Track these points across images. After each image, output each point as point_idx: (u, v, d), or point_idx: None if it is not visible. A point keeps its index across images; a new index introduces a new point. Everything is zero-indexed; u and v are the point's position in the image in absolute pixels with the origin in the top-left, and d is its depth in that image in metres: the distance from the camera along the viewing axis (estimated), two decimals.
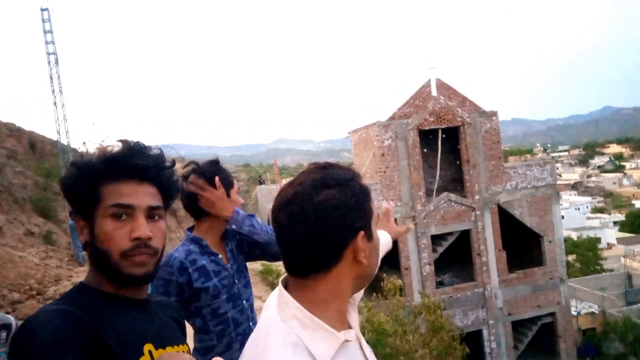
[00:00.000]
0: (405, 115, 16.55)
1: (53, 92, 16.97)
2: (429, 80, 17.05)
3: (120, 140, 1.06)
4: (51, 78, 16.86)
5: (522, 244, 17.83)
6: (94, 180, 1.01)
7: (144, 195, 1.03)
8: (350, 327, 0.99)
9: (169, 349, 1.07)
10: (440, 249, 16.65)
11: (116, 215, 1.00)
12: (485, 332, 16.38)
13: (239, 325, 1.95)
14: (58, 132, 17.49)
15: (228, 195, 1.99)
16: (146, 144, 1.10)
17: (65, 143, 17.86)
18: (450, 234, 16.67)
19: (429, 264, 16.09)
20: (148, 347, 1.02)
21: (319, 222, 0.89)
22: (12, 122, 21.01)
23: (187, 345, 1.17)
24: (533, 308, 16.96)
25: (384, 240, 1.73)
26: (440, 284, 16.66)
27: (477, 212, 16.48)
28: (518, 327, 17.19)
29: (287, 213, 0.92)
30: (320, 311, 0.93)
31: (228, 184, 2.00)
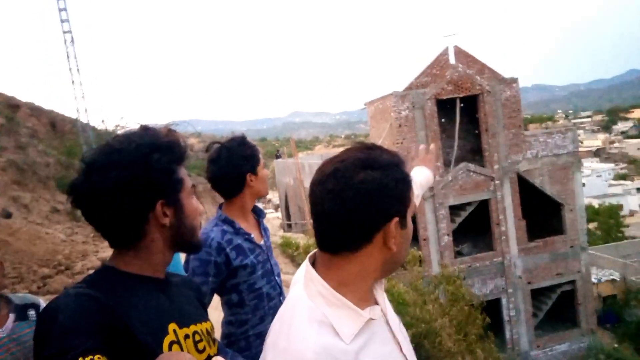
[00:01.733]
0: (422, 84, 16.26)
1: (70, 70, 17.08)
2: (447, 48, 16.64)
3: (159, 129, 1.13)
4: (68, 56, 16.95)
5: (542, 213, 17.65)
6: (177, 164, 1.10)
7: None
8: (376, 303, 1.00)
9: (192, 327, 1.11)
10: (459, 219, 16.59)
11: (191, 195, 1.13)
12: (504, 301, 16.44)
13: (271, 300, 2.02)
14: (77, 111, 17.69)
15: (255, 172, 2.02)
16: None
17: (85, 121, 18.08)
18: (469, 204, 16.56)
19: (448, 235, 16.08)
20: (172, 326, 1.04)
21: (354, 202, 0.90)
22: (31, 102, 21.30)
23: (210, 322, 1.21)
24: (553, 276, 16.91)
25: (425, 176, 1.75)
26: (459, 253, 16.68)
27: (497, 182, 16.30)
28: (537, 295, 17.20)
29: (325, 188, 0.92)
30: (345, 289, 0.94)
31: (255, 161, 2.03)
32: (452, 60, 16.53)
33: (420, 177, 1.72)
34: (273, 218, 28.53)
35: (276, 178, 22.13)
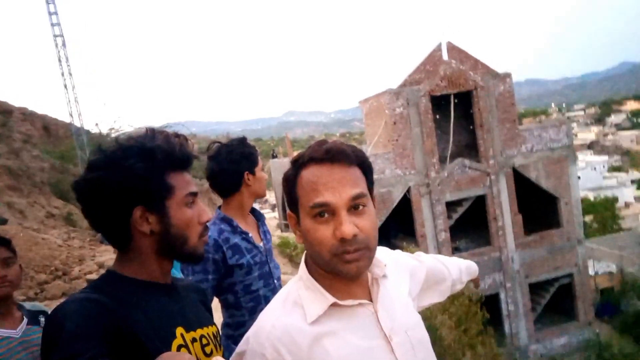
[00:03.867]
0: (416, 81, 16.27)
1: (62, 74, 16.96)
2: (440, 44, 16.65)
3: (161, 132, 1.10)
4: (59, 60, 16.84)
5: (538, 207, 17.72)
6: (163, 171, 1.05)
7: (193, 183, 1.13)
8: (369, 299, 1.03)
9: (198, 330, 1.11)
10: (456, 215, 16.63)
11: (189, 203, 1.08)
12: (502, 295, 16.50)
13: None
14: (70, 115, 17.59)
15: (253, 172, 2.02)
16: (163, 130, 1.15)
17: (79, 125, 17.98)
18: (465, 199, 16.60)
19: (445, 231, 16.11)
20: (180, 330, 1.05)
21: None
22: (24, 107, 21.18)
23: (215, 326, 1.21)
24: (550, 270, 16.98)
25: (473, 267, 1.66)
26: (456, 249, 16.72)
27: (492, 177, 16.34)
28: (535, 289, 17.26)
29: None
30: (322, 278, 1.00)
31: (253, 161, 2.05)
32: (445, 56, 16.54)
33: (469, 267, 1.64)
34: (270, 218, 28.50)
35: (272, 178, 22.13)
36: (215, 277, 1.90)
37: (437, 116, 16.85)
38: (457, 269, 1.52)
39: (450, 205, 16.54)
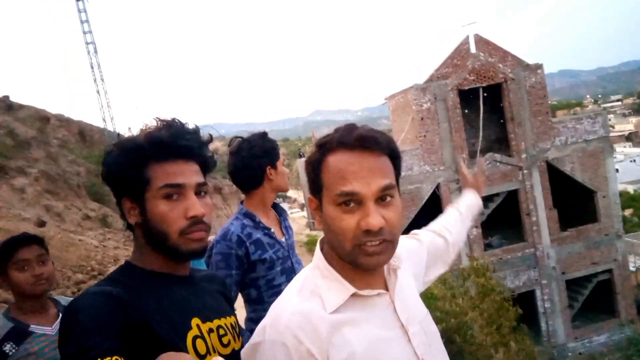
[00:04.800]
0: (443, 76, 16.01)
1: (95, 80, 17.52)
2: (467, 37, 16.33)
3: (160, 120, 1.06)
4: (92, 67, 17.40)
5: (574, 201, 17.16)
6: (141, 162, 1.01)
7: (191, 174, 1.04)
8: (386, 289, 1.01)
9: (215, 321, 1.10)
10: (487, 211, 16.28)
11: (168, 196, 1.01)
12: (538, 292, 16.07)
13: None
14: (104, 119, 18.16)
15: (275, 166, 2.02)
16: (183, 120, 1.10)
17: (112, 129, 18.52)
18: (497, 195, 16.23)
19: (476, 227, 15.80)
20: (195, 321, 1.04)
21: None
22: (60, 113, 21.95)
23: (235, 316, 1.20)
24: (588, 266, 16.42)
25: (474, 204, 1.72)
26: (488, 246, 16.39)
27: (525, 171, 15.93)
28: (573, 285, 16.73)
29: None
30: (340, 266, 0.98)
31: (275, 156, 2.04)
32: (473, 49, 16.21)
33: (469, 206, 1.66)
34: (299, 217, 28.63)
35: (300, 177, 22.21)
36: (238, 272, 1.91)
37: (466, 110, 16.54)
38: (452, 227, 1.52)
39: (482, 201, 16.17)
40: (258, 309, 1.98)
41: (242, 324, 1.35)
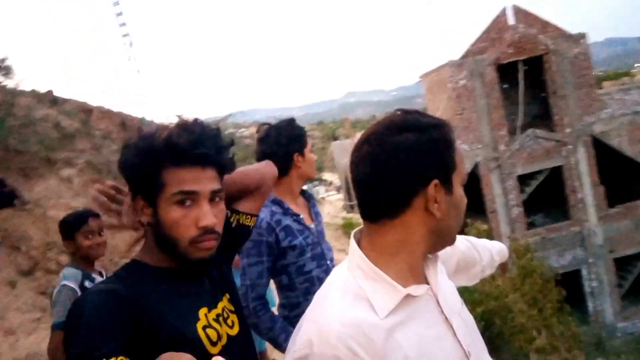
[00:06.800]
0: (480, 50, 15.48)
1: (131, 72, 17.96)
2: (505, 9, 15.69)
3: (180, 124, 1.04)
4: (129, 59, 17.82)
5: (622, 176, 16.39)
6: (156, 166, 1.00)
7: (206, 180, 1.02)
8: (427, 283, 0.95)
9: (219, 304, 1.11)
10: (529, 189, 15.81)
11: (181, 202, 1.00)
12: (584, 272, 15.54)
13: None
14: (141, 109, 18.63)
15: (303, 153, 2.01)
16: (204, 122, 1.07)
17: (149, 120, 19.03)
18: (539, 172, 15.70)
19: (517, 206, 15.37)
20: (203, 310, 1.05)
21: (388, 164, 0.88)
22: (101, 105, 22.70)
23: (228, 294, 1.17)
24: (637, 244, 15.71)
25: (499, 247, 1.56)
26: (531, 225, 15.94)
27: (569, 147, 15.30)
28: (622, 264, 16.08)
29: (360, 154, 0.92)
30: (385, 262, 0.91)
31: (302, 142, 2.04)
32: (511, 21, 15.57)
33: (499, 251, 1.54)
34: (336, 200, 28.70)
35: (335, 160, 22.18)
36: (269, 259, 1.92)
37: (505, 85, 15.97)
38: (488, 253, 1.43)
39: (523, 179, 15.71)
40: (290, 295, 2.00)
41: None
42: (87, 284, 2.33)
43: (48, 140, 14.45)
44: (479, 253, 1.38)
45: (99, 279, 2.40)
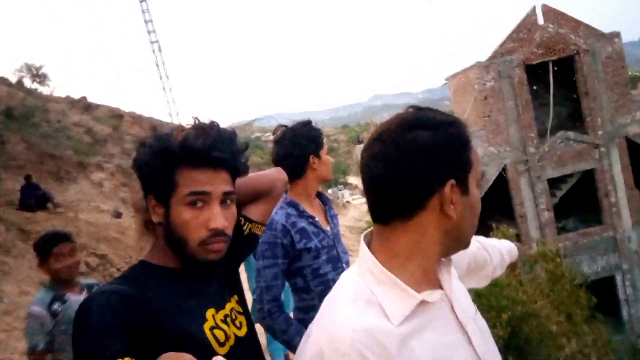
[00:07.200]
0: (508, 51, 15.17)
1: (161, 78, 18.37)
2: (534, 8, 15.34)
3: (196, 126, 1.05)
4: (157, 65, 18.25)
5: None
6: (170, 167, 1.01)
7: (219, 182, 1.03)
8: (440, 288, 0.92)
9: (227, 305, 1.11)
10: (560, 193, 15.38)
11: (193, 203, 1.00)
12: (618, 278, 15.00)
13: None
14: (170, 115, 19.03)
15: (319, 155, 2.01)
16: (220, 124, 1.08)
17: (177, 124, 19.46)
18: (570, 175, 15.27)
19: (548, 210, 14.97)
20: (211, 312, 1.05)
21: (401, 163, 0.83)
22: (133, 111, 23.31)
23: (236, 296, 1.18)
24: None
25: (509, 246, 1.53)
26: (562, 229, 15.48)
27: (602, 149, 14.82)
28: None
29: (371, 153, 0.87)
30: (398, 266, 0.87)
31: (319, 144, 2.03)
32: (540, 21, 15.22)
33: (509, 251, 1.50)
34: (360, 204, 28.56)
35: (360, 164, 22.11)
36: (284, 261, 1.93)
37: (534, 87, 15.60)
38: (498, 253, 1.38)
39: (553, 183, 15.30)
40: (305, 298, 2.00)
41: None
42: (56, 306, 2.39)
43: (80, 145, 14.93)
44: (489, 253, 1.33)
45: (76, 297, 2.42)
